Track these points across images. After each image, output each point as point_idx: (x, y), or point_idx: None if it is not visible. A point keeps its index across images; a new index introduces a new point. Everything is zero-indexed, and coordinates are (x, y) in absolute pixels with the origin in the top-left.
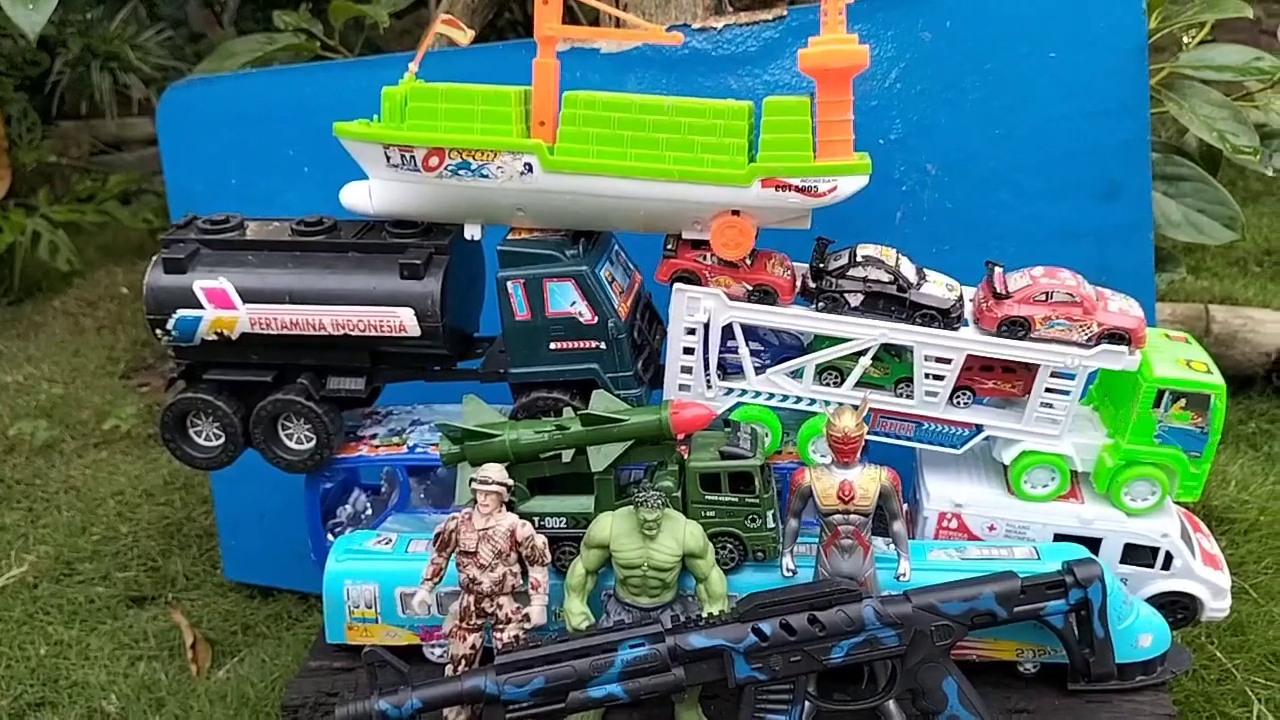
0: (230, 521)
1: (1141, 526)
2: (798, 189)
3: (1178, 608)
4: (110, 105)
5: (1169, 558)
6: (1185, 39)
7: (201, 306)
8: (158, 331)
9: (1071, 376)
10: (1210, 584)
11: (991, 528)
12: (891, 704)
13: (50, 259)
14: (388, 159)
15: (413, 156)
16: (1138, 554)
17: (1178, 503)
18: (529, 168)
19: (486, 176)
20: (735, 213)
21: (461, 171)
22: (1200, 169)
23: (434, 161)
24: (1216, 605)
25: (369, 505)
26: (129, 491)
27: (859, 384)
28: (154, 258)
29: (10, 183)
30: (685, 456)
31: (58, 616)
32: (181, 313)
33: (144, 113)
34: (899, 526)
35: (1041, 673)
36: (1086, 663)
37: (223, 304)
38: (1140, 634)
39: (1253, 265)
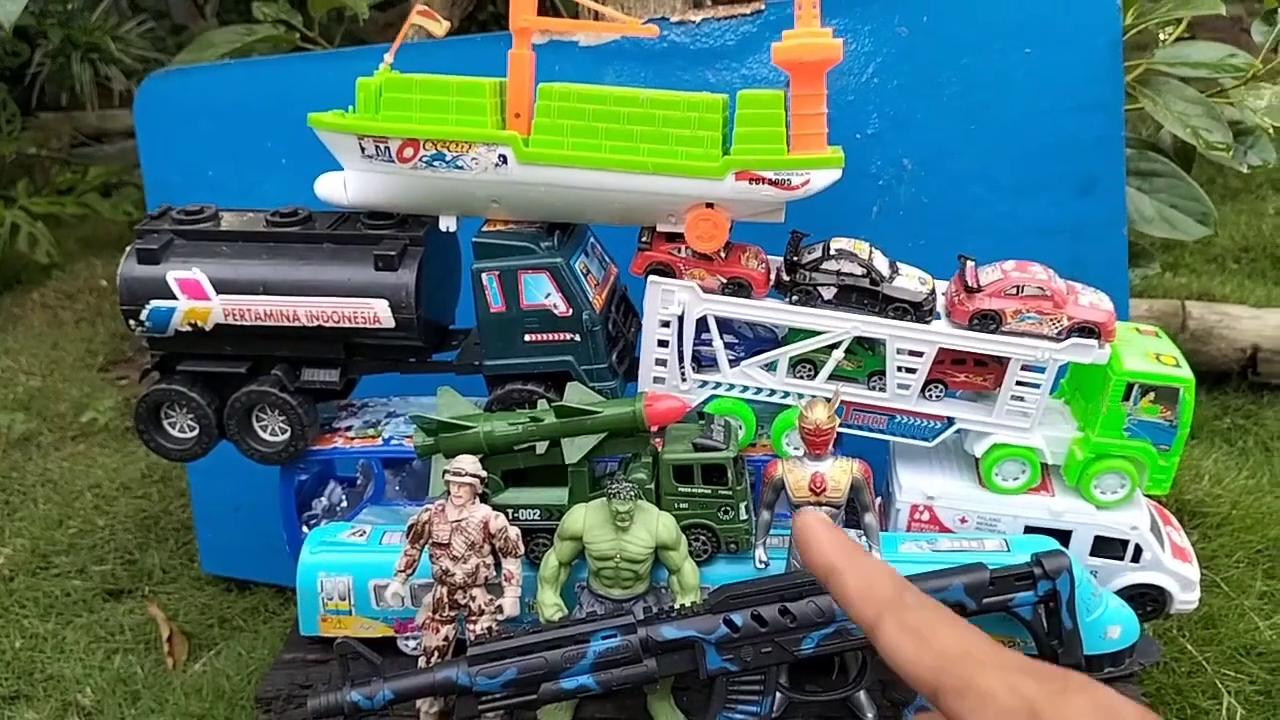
0: (207, 515)
1: (1111, 519)
2: (771, 182)
3: (1147, 600)
4: (91, 97)
5: (1138, 550)
6: (1162, 36)
7: (175, 297)
8: (131, 322)
9: (1042, 370)
10: (1179, 576)
11: (963, 520)
12: (862, 695)
13: (29, 251)
14: (362, 150)
15: (387, 148)
16: (1107, 546)
17: (1148, 496)
18: (504, 159)
19: (461, 168)
20: (709, 205)
21: (436, 163)
22: (1174, 165)
23: (408, 153)
24: (1185, 598)
25: (345, 497)
26: (106, 484)
27: (832, 376)
28: (128, 248)
29: None
30: (659, 449)
31: (33, 610)
32: (155, 303)
33: (125, 104)
34: (870, 518)
35: None
36: (1055, 654)
37: (196, 295)
38: (1109, 626)
39: (1230, 262)
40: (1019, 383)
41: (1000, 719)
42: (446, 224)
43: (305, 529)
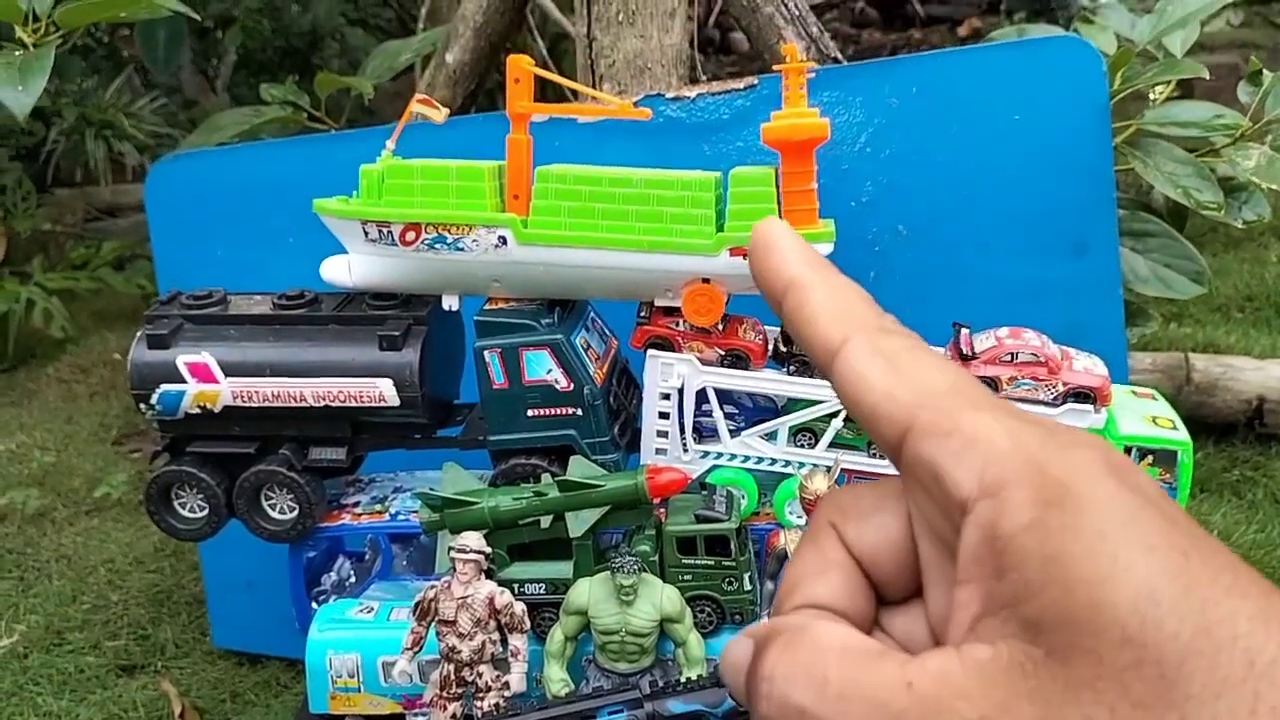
0: (218, 589)
1: None
2: None
3: None
4: (105, 172)
5: None
6: (1152, 95)
7: (185, 381)
8: (142, 406)
9: None
10: None
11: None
12: None
13: (44, 326)
14: (365, 234)
15: (390, 231)
16: None
17: None
18: (503, 240)
19: (462, 250)
20: (705, 281)
21: (438, 245)
22: (1167, 225)
23: (410, 236)
24: None
25: (353, 572)
26: (119, 559)
27: (833, 444)
28: (138, 334)
29: (5, 251)
30: (662, 520)
31: (47, 687)
32: (165, 387)
33: (138, 179)
34: None
35: None
36: None
37: (205, 378)
38: None
39: (1234, 311)
40: None
41: (991, 468)
42: (449, 303)
43: (315, 604)
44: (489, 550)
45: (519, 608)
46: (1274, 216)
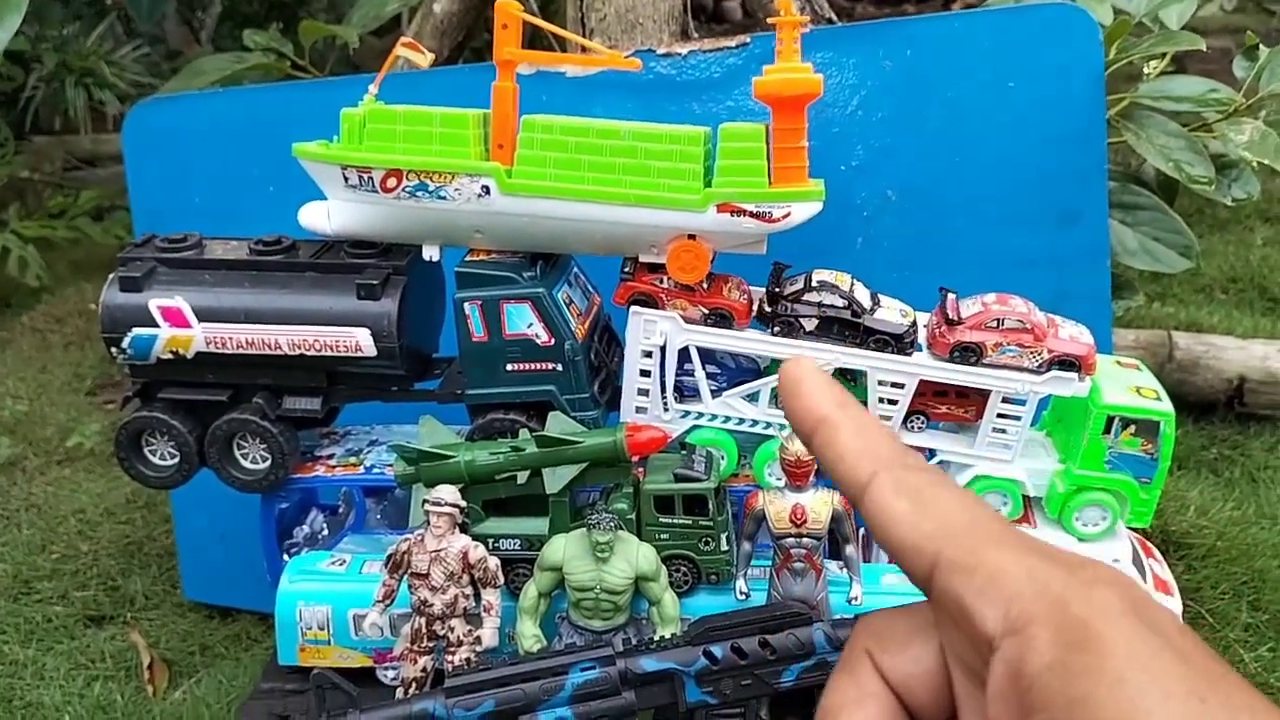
0: (190, 541)
1: (1093, 551)
2: (752, 215)
3: None
4: (85, 121)
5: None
6: (1146, 70)
7: (157, 325)
8: (113, 350)
9: (1023, 402)
10: None
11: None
12: None
13: (19, 275)
14: (345, 180)
15: (370, 178)
16: None
17: (1129, 528)
18: (486, 190)
19: (444, 198)
20: (691, 237)
21: (419, 193)
22: (1157, 198)
23: (391, 183)
24: None
25: (326, 526)
26: (90, 510)
27: None
28: (110, 276)
29: None
30: (641, 479)
31: (14, 636)
32: (137, 331)
33: (119, 129)
34: (851, 550)
35: None
36: None
37: (178, 323)
38: None
39: (1218, 292)
40: (1000, 415)
41: (1015, 605)
42: (430, 253)
43: (286, 557)
44: (464, 504)
45: (493, 562)
46: (1261, 199)
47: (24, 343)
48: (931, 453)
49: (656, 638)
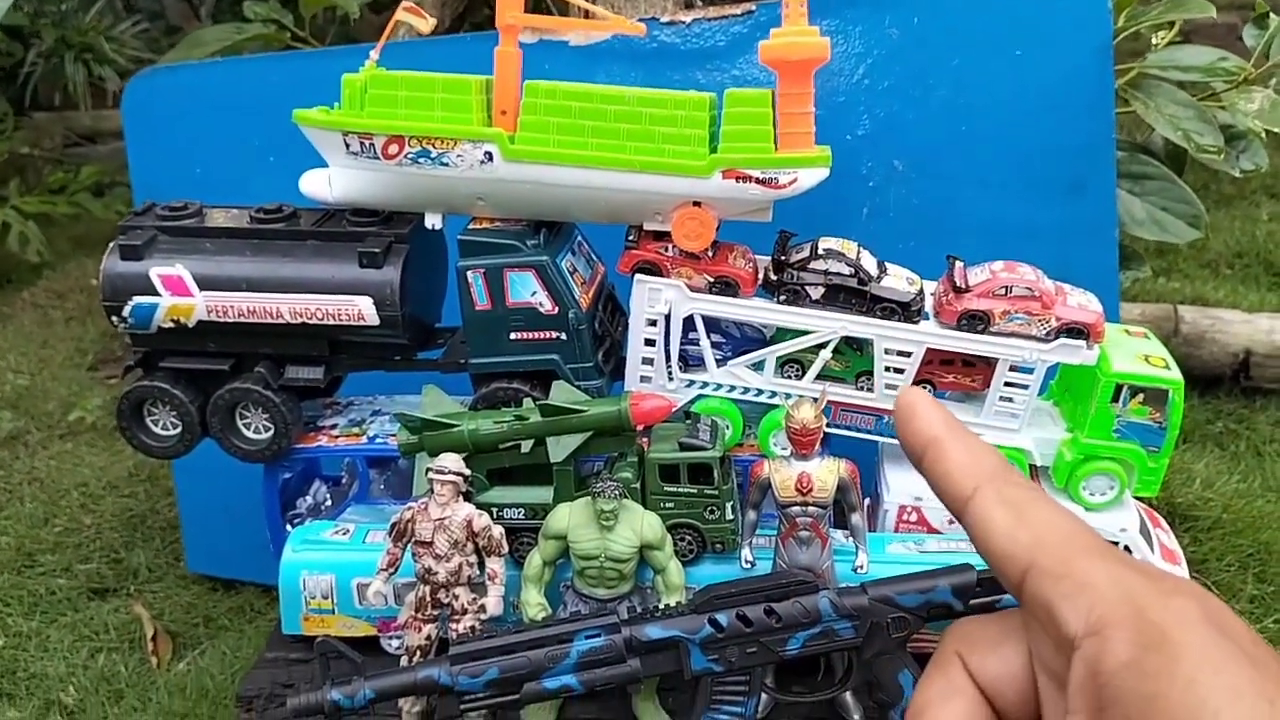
0: (193, 514)
1: (1100, 521)
2: (758, 181)
3: None
4: (84, 97)
5: (1128, 552)
6: (1154, 39)
7: (158, 294)
8: (114, 319)
9: (1030, 371)
10: None
11: (951, 521)
12: (848, 696)
13: (20, 250)
14: (347, 146)
15: (372, 144)
16: None
17: (1136, 498)
18: (489, 156)
19: (446, 165)
20: (696, 204)
21: (421, 160)
22: (1165, 168)
23: (393, 149)
24: None
25: (329, 496)
26: (93, 483)
27: (820, 377)
28: (110, 244)
29: None
30: (645, 448)
31: (17, 608)
32: (137, 300)
33: (118, 105)
34: (857, 519)
35: None
36: None
37: (179, 291)
38: None
39: (1224, 267)
40: (1007, 383)
41: (1097, 609)
42: (432, 221)
43: (289, 527)
44: (468, 472)
45: (497, 531)
46: (1268, 174)
47: (25, 318)
48: None
49: (662, 606)
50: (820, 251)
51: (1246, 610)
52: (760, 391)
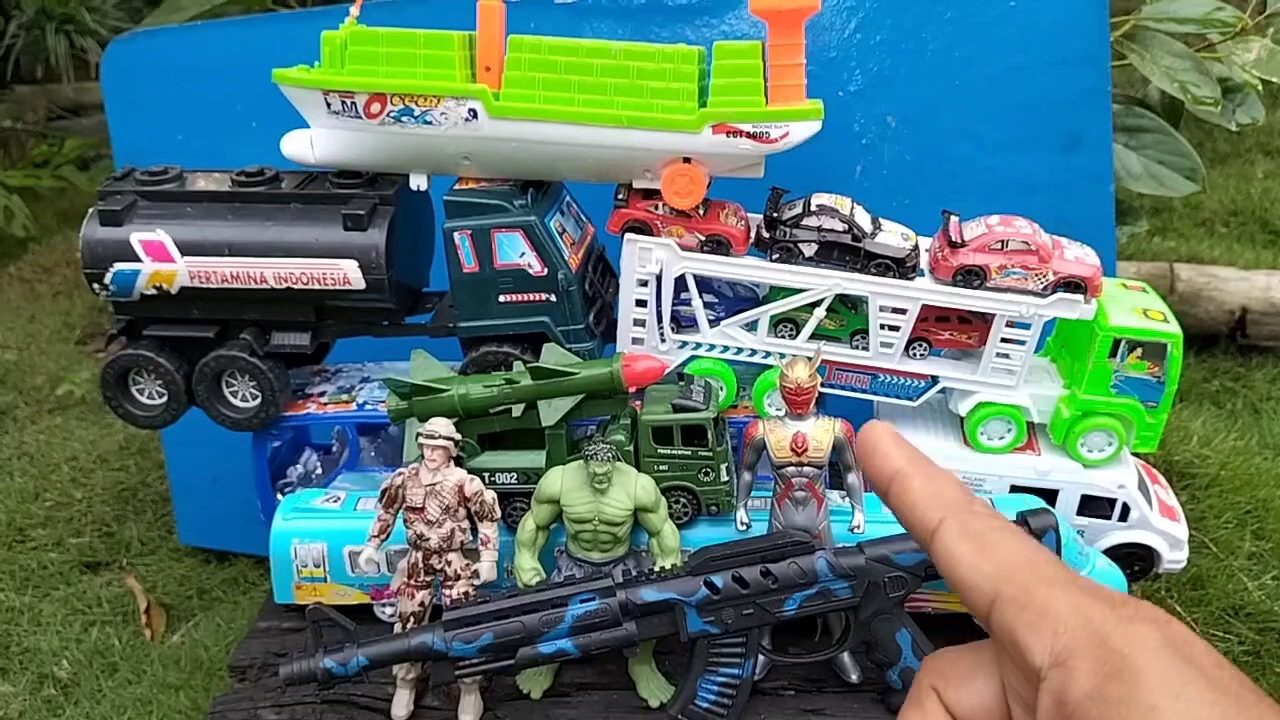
0: (184, 486)
1: (1098, 478)
2: (749, 135)
3: (1135, 559)
4: (67, 69)
5: (1126, 509)
6: None
7: (139, 260)
8: (95, 286)
9: (1027, 326)
10: (1168, 535)
11: None
12: (846, 656)
13: (5, 225)
14: (328, 106)
15: (354, 103)
16: (1095, 505)
17: (1135, 454)
18: (473, 114)
19: (430, 123)
20: (686, 160)
21: (404, 118)
22: (1162, 121)
23: (375, 108)
24: (1174, 557)
25: (320, 465)
26: (83, 457)
27: (814, 336)
28: (90, 210)
29: None
30: (638, 411)
31: (9, 583)
32: (119, 266)
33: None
34: (854, 478)
35: None
36: None
37: (161, 257)
38: None
39: (1219, 225)
40: (1004, 339)
41: (1061, 638)
42: (417, 183)
43: (280, 496)
44: (458, 437)
45: (489, 496)
46: (1262, 131)
47: (12, 292)
48: (934, 379)
49: (657, 569)
50: (813, 208)
51: (1246, 567)
52: (754, 352)
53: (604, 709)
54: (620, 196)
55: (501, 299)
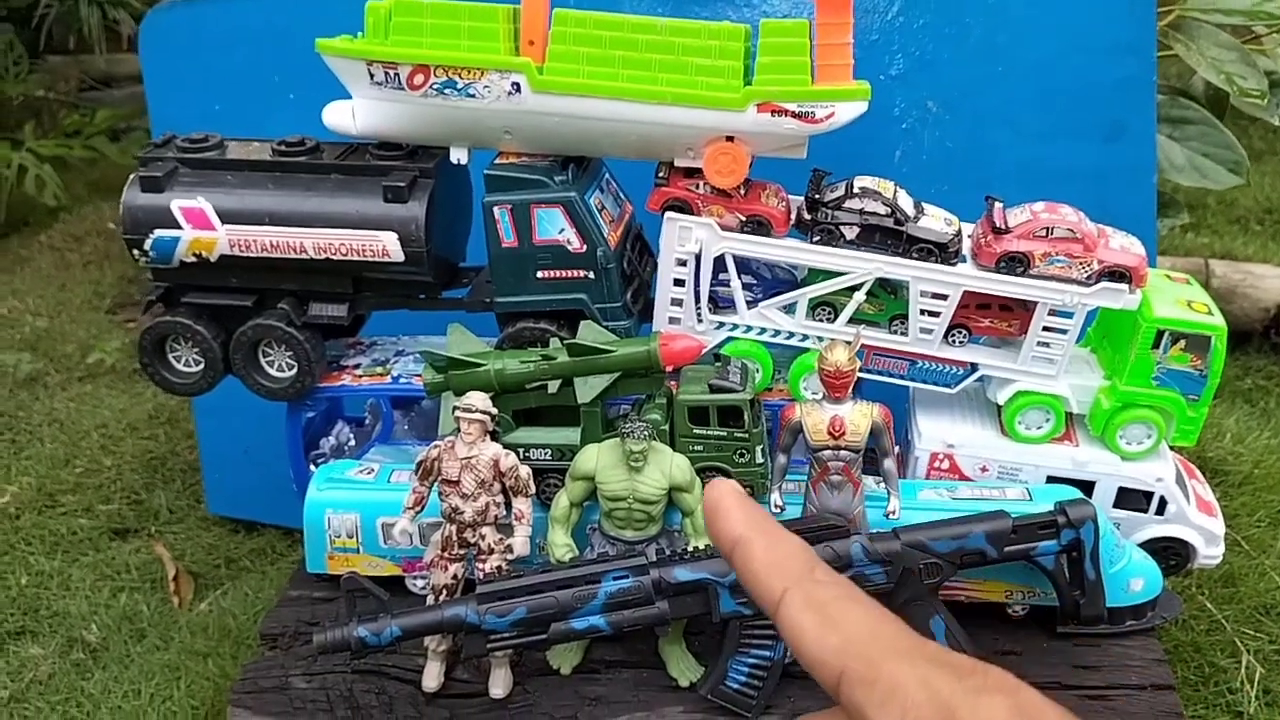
0: (214, 456)
1: (1136, 470)
2: (794, 114)
3: (1170, 554)
4: (99, 40)
5: (1163, 503)
6: None
7: (180, 227)
8: (135, 252)
9: (1070, 315)
10: (1204, 530)
11: (983, 469)
12: None
13: (37, 194)
14: (371, 76)
15: (397, 74)
16: (1131, 498)
17: (1173, 448)
18: (517, 87)
19: (473, 96)
20: (729, 139)
21: (447, 90)
22: (1206, 111)
23: (419, 80)
24: (1209, 552)
25: (353, 437)
26: (113, 425)
27: (852, 320)
28: (131, 176)
29: None
30: (674, 391)
31: (39, 547)
32: (159, 233)
33: (133, 49)
34: (890, 463)
35: (1030, 615)
36: (1076, 605)
37: (201, 224)
38: (1131, 578)
39: (1254, 223)
40: (1046, 328)
41: (909, 715)
42: (458, 156)
43: (312, 467)
44: (495, 411)
45: (524, 471)
46: None
47: (43, 261)
48: (973, 367)
49: (690, 548)
50: (856, 190)
51: (1277, 566)
52: (791, 334)
53: (633, 687)
54: (661, 175)
55: (539, 275)
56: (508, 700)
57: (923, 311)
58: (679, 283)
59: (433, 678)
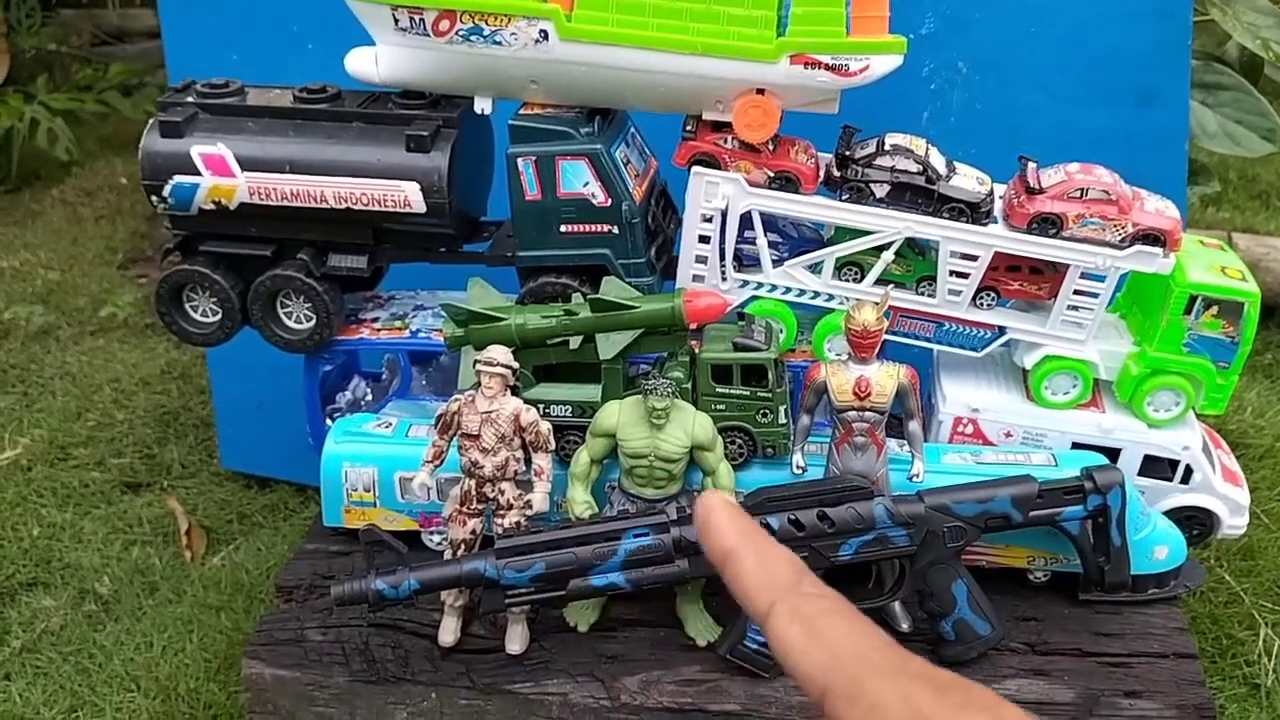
0: (228, 411)
1: (1162, 438)
2: (828, 67)
3: (1194, 523)
4: None
5: (1189, 471)
6: None
7: (199, 173)
8: (153, 198)
9: (1102, 279)
10: (1229, 500)
11: (1008, 434)
12: (897, 605)
13: (49, 147)
14: (396, 22)
15: (422, 20)
16: (1156, 466)
17: (1201, 416)
18: (544, 35)
19: (499, 44)
20: (760, 92)
21: (473, 37)
22: (1240, 78)
23: (444, 25)
24: (1234, 522)
25: (369, 392)
26: (125, 379)
27: (879, 281)
28: (150, 121)
29: (9, 68)
30: (697, 349)
31: (51, 500)
32: (178, 179)
33: (147, 4)
34: (915, 426)
35: (1052, 582)
36: (1101, 571)
37: (221, 171)
38: (1156, 546)
39: (1275, 198)
40: (1077, 292)
41: None
42: (482, 106)
43: (329, 421)
44: (516, 366)
45: (545, 426)
46: None
47: (54, 215)
48: (1001, 330)
49: None
50: (887, 147)
51: None
52: (817, 294)
53: (650, 646)
54: (689, 128)
55: (563, 229)
56: (524, 656)
57: (952, 273)
58: (704, 239)
59: (449, 633)
